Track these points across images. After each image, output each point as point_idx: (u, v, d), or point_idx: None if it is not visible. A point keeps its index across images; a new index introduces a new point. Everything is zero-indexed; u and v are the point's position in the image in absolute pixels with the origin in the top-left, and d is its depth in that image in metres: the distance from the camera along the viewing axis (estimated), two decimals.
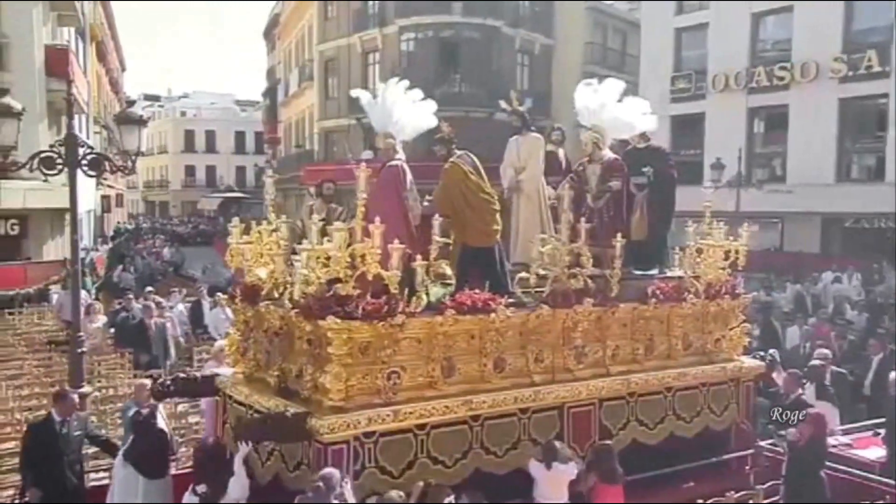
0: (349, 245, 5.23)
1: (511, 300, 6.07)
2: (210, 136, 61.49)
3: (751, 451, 7.42)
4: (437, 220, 6.46)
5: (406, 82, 6.72)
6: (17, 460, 6.95)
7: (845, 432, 8.32)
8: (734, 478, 7.20)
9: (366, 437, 5.31)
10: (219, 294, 11.89)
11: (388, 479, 5.39)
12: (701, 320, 7.25)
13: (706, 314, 7.23)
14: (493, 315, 5.78)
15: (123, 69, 48.82)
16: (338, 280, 5.22)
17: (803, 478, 6.79)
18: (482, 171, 6.38)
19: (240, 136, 61.95)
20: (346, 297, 5.17)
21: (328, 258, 5.20)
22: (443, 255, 6.48)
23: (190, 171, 61.73)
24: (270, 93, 47.27)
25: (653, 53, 26.95)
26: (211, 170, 61.06)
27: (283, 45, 43.10)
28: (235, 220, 6.60)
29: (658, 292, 6.79)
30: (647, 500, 6.38)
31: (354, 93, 7.05)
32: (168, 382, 6.51)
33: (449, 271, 6.09)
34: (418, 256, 5.59)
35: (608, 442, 6.45)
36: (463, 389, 5.78)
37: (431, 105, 6.69)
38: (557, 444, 6.07)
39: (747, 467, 7.37)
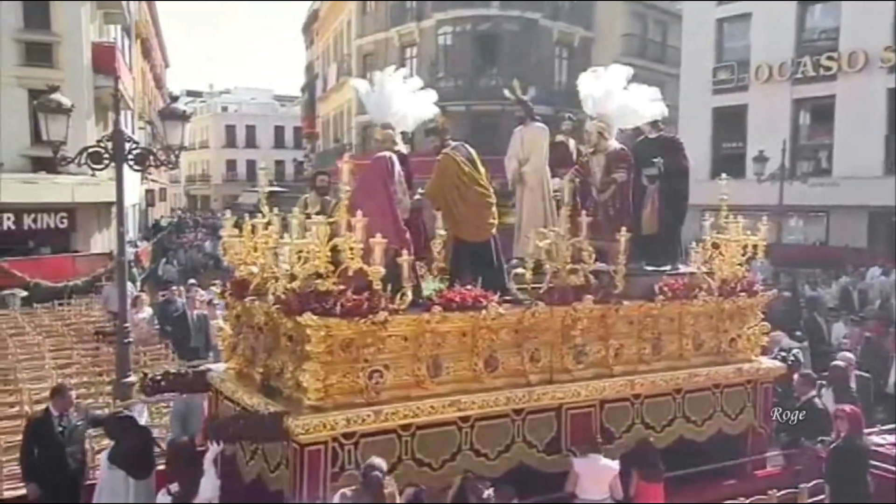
0: (330, 239, 5.03)
1: (507, 297, 5.83)
2: (250, 131, 62.19)
3: (764, 455, 7.15)
4: (440, 213, 6.33)
5: (404, 71, 6.53)
6: None
7: (891, 431, 8.11)
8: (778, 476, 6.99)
9: (345, 438, 5.11)
10: None
11: None
12: (715, 319, 6.88)
13: (721, 312, 6.85)
14: (483, 312, 5.53)
15: (167, 65, 49.70)
16: (319, 275, 5.03)
17: (845, 477, 6.65)
18: (478, 163, 6.15)
19: (279, 130, 62.60)
20: (326, 292, 4.96)
21: (308, 252, 5.01)
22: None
23: (231, 165, 62.57)
24: (309, 88, 47.65)
25: (694, 44, 26.40)
26: (251, 164, 61.78)
27: (321, 40, 43.36)
28: (227, 212, 6.51)
29: (666, 289, 6.45)
30: (688, 499, 6.24)
31: (353, 82, 6.89)
32: (159, 377, 6.36)
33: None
34: (404, 251, 5.34)
35: (650, 439, 6.33)
36: (452, 389, 5.55)
37: (432, 94, 6.47)
38: (599, 438, 5.99)
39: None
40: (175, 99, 11.40)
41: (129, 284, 10.89)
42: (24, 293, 16.86)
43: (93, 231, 21.54)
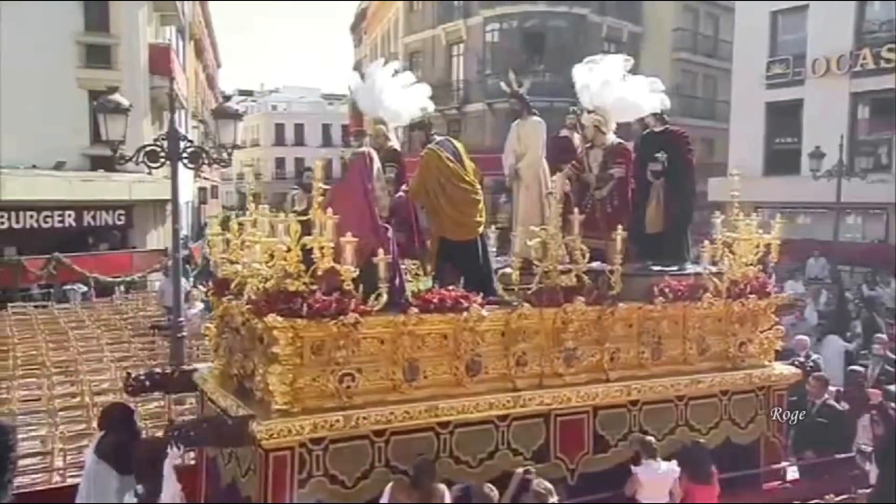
0: (300, 238, 4.83)
1: (493, 298, 5.58)
2: (299, 129, 63.20)
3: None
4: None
5: (397, 64, 6.42)
6: None
7: None
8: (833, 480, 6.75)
9: (313, 444, 4.89)
10: None
11: (340, 490, 4.99)
12: (724, 322, 6.49)
13: (729, 315, 6.47)
14: (465, 314, 5.26)
15: (219, 65, 50.73)
16: (290, 275, 4.83)
17: (886, 478, 6.47)
18: (465, 159, 5.91)
19: (326, 129, 63.41)
20: (294, 293, 4.77)
21: (275, 251, 4.85)
22: None
23: (280, 163, 63.66)
24: None
25: (747, 38, 25.71)
26: (300, 162, 62.66)
27: (369, 39, 43.77)
28: (213, 217, 6.51)
29: (667, 290, 6.07)
30: (741, 500, 6.06)
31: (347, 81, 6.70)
32: (142, 377, 6.26)
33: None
34: (380, 251, 5.07)
35: (701, 440, 6.10)
36: (431, 394, 5.29)
37: (425, 89, 6.31)
38: (650, 438, 5.81)
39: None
40: (227, 98, 11.67)
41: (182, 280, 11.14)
42: (85, 288, 17.48)
43: (149, 228, 22.09)
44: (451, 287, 5.39)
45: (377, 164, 5.69)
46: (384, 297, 5.04)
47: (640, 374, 6.10)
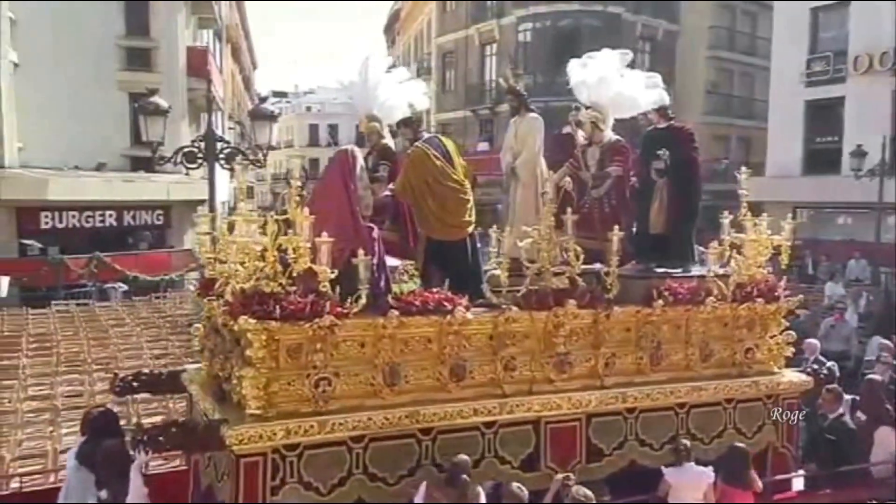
0: (276, 237, 4.69)
1: (482, 301, 5.41)
2: (332, 129, 63.84)
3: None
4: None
5: (389, 59, 6.29)
6: None
7: None
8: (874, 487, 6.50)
9: (287, 450, 4.74)
10: None
11: (314, 496, 4.83)
12: (729, 326, 6.20)
13: (735, 319, 6.18)
14: (449, 317, 5.07)
15: (255, 67, 51.43)
16: (268, 276, 4.69)
17: None
18: (454, 157, 5.74)
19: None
20: (269, 294, 4.63)
21: (249, 251, 4.71)
22: None
23: (314, 164, 64.26)
24: None
25: (786, 36, 25.18)
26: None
27: (402, 40, 43.98)
28: (200, 209, 6.45)
29: (667, 293, 5.80)
30: None
31: (339, 78, 6.66)
32: (130, 378, 6.17)
33: None
34: (360, 251, 4.88)
35: (741, 444, 5.87)
36: (413, 399, 5.11)
37: (420, 85, 6.20)
38: (687, 442, 5.66)
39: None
40: (263, 100, 11.86)
41: None
42: (125, 287, 17.93)
43: (186, 228, 22.45)
44: (435, 289, 5.23)
45: (361, 162, 5.55)
46: (363, 299, 4.87)
47: (638, 380, 5.85)
